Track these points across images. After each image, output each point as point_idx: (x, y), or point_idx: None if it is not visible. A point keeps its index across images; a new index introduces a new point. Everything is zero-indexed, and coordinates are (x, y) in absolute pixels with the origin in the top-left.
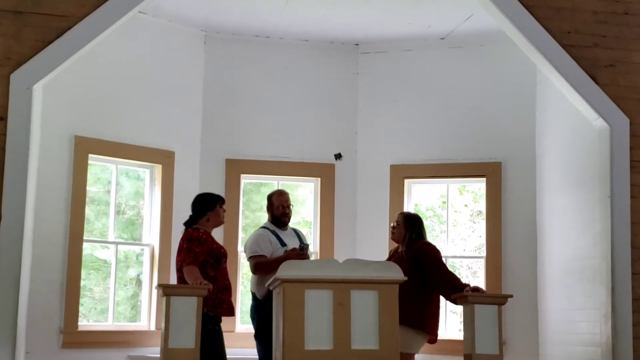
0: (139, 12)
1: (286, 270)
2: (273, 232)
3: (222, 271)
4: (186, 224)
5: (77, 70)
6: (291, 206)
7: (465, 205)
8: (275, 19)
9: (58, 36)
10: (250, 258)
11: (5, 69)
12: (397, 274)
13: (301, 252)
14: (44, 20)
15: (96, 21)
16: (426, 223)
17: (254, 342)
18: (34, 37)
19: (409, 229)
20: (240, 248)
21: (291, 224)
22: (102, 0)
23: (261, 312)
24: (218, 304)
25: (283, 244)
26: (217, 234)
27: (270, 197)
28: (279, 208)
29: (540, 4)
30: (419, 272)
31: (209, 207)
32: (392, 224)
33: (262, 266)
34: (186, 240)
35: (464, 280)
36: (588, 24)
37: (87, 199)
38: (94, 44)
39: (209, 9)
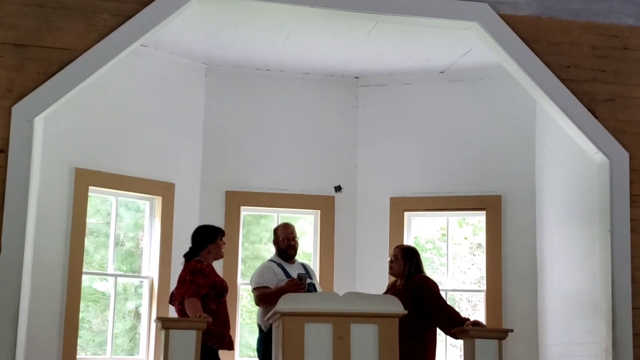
0: (141, 45)
1: (285, 304)
2: (279, 265)
3: (223, 304)
4: (186, 256)
5: (78, 103)
6: (297, 238)
7: (465, 238)
8: (276, 53)
9: (60, 69)
10: (254, 290)
11: (6, 102)
12: (397, 307)
13: (299, 281)
14: (46, 53)
15: (98, 54)
16: (426, 256)
17: None
18: (36, 69)
19: (408, 262)
20: (240, 280)
21: None
22: (104, 33)
23: (265, 345)
24: (221, 338)
25: (289, 276)
26: (217, 266)
27: (275, 230)
28: (284, 240)
29: (539, 39)
30: (418, 306)
31: (210, 240)
32: (389, 258)
33: (264, 298)
34: (189, 272)
35: (463, 314)
36: (587, 59)
37: (86, 231)
38: (95, 76)
39: (210, 43)
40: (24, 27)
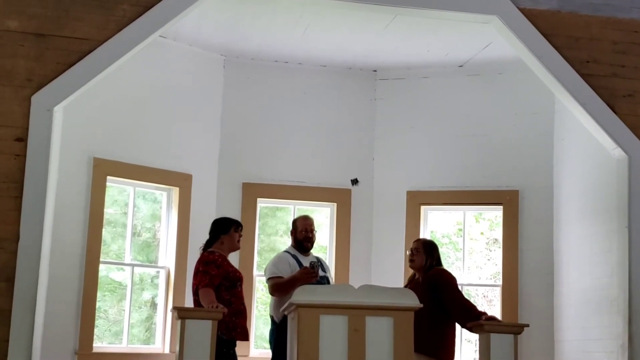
0: (160, 36)
1: (301, 295)
2: (294, 256)
3: (237, 295)
4: (202, 247)
5: (97, 93)
6: (315, 231)
7: (482, 233)
8: (294, 45)
9: (79, 59)
10: (268, 279)
11: (26, 91)
12: (412, 300)
13: (312, 269)
14: (66, 43)
15: (117, 45)
16: (442, 250)
17: None
18: (56, 59)
19: (429, 255)
20: (256, 272)
21: None
22: (124, 24)
23: (278, 336)
24: (232, 328)
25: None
26: (233, 258)
27: (295, 222)
28: (302, 232)
29: (559, 33)
30: (436, 299)
31: (223, 231)
32: (408, 252)
33: (278, 287)
34: (202, 263)
35: (479, 309)
36: (607, 54)
37: (104, 221)
38: (114, 67)
39: (229, 34)
40: (44, 17)
